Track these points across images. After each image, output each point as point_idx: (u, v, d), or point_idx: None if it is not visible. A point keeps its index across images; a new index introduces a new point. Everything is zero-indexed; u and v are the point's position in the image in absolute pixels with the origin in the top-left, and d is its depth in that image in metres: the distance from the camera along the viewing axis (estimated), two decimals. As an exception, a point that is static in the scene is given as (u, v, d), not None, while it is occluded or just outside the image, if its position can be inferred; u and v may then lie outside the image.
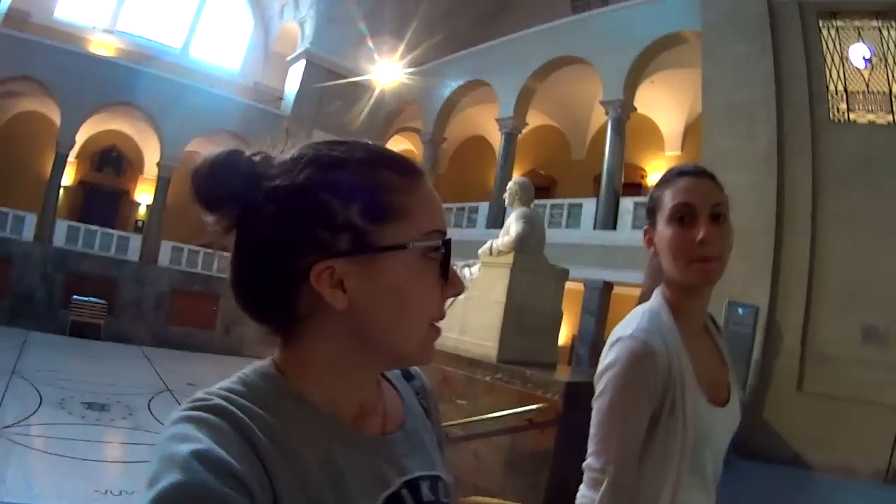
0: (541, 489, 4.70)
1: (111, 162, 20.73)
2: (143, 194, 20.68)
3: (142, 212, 20.66)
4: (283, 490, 0.62)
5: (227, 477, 0.56)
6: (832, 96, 9.36)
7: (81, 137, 18.16)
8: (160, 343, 16.95)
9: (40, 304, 16.31)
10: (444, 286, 0.73)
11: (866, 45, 9.23)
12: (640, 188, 16.37)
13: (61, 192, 18.00)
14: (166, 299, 17.91)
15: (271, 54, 22.58)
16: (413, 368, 0.94)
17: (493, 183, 15.93)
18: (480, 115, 18.02)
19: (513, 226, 6.16)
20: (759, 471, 7.87)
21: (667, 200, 1.38)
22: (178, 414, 0.63)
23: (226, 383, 0.69)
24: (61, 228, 17.35)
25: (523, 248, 6.04)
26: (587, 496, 1.32)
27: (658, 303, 1.40)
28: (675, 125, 16.13)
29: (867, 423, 7.88)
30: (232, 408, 0.64)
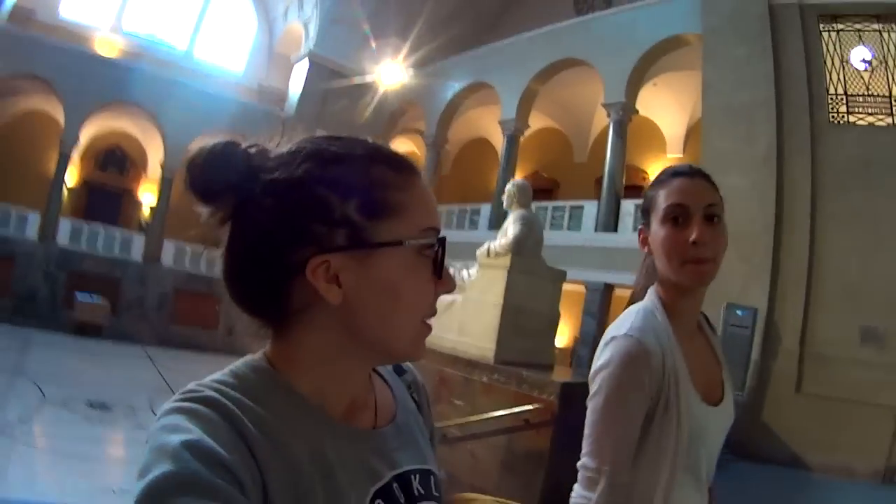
0: (536, 489, 4.72)
1: (115, 161, 20.71)
2: (147, 194, 20.68)
3: (145, 212, 20.63)
4: (272, 481, 0.62)
5: (217, 467, 0.57)
6: (832, 98, 9.37)
7: (85, 137, 18.21)
8: (162, 343, 16.90)
9: (43, 302, 16.33)
10: (437, 283, 0.74)
11: (867, 47, 9.25)
12: (641, 191, 16.12)
13: (65, 191, 18.04)
14: (169, 299, 17.96)
15: (275, 55, 22.62)
16: (405, 363, 0.94)
17: (495, 185, 15.91)
18: (483, 116, 18.00)
19: (510, 228, 6.18)
20: (757, 472, 7.90)
21: (661, 201, 1.38)
22: (170, 405, 0.63)
23: (217, 376, 0.70)
24: (65, 227, 17.36)
25: (520, 250, 6.06)
26: (583, 496, 1.32)
27: (652, 302, 1.40)
28: (677, 128, 16.13)
29: (865, 424, 7.91)
30: (223, 399, 0.64)
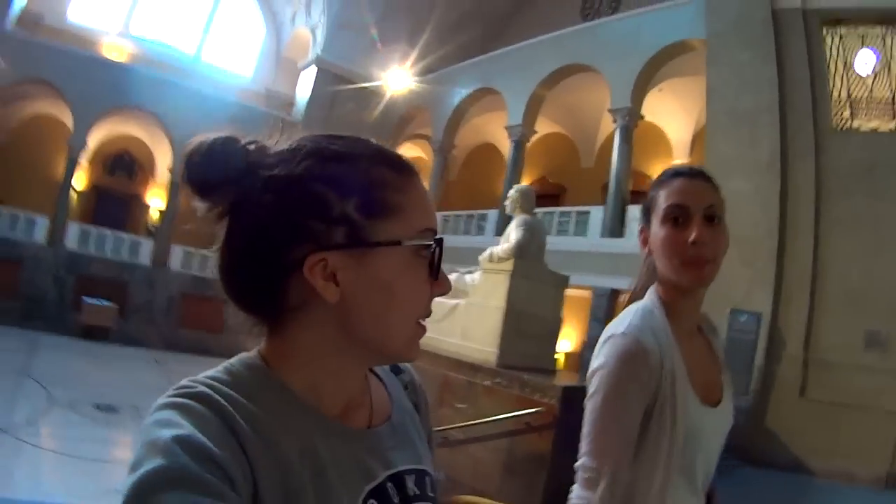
0: (538, 492, 4.74)
1: (123, 166, 20.76)
2: (155, 198, 20.74)
3: (154, 216, 20.69)
4: (263, 478, 0.62)
5: (207, 462, 0.57)
6: (835, 103, 9.35)
7: (94, 141, 18.30)
8: (169, 346, 16.87)
9: (51, 306, 16.40)
10: (433, 285, 0.74)
11: (871, 51, 9.23)
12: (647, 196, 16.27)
13: (73, 195, 18.14)
14: (176, 303, 18.02)
15: (283, 60, 22.67)
16: (402, 363, 0.94)
17: (502, 190, 15.84)
18: (490, 122, 17.98)
19: (513, 233, 6.21)
20: (760, 476, 7.89)
21: (661, 201, 1.39)
22: (163, 400, 0.63)
23: (211, 372, 0.70)
24: (73, 231, 17.44)
25: (523, 255, 6.08)
26: (583, 497, 1.30)
27: (651, 301, 1.40)
28: (683, 133, 16.09)
29: (869, 429, 7.88)
30: (215, 396, 0.64)
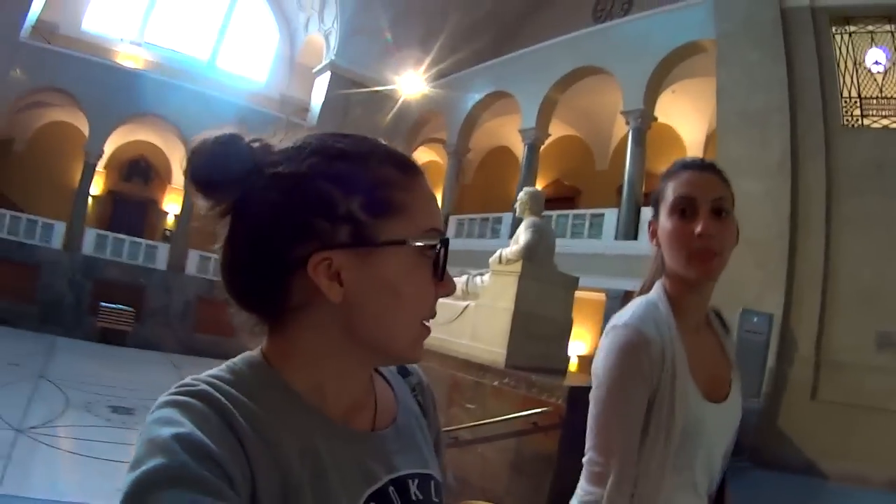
0: (544, 491, 4.77)
1: (139, 172, 20.94)
2: (172, 204, 20.93)
3: (170, 221, 20.89)
4: (261, 477, 0.62)
5: (206, 460, 0.57)
6: (846, 102, 9.29)
7: (110, 147, 18.50)
8: (186, 350, 17.04)
9: (68, 310, 16.61)
10: (437, 285, 0.73)
11: (881, 49, 9.17)
12: (661, 198, 16.22)
13: (90, 201, 18.35)
14: (192, 307, 18.12)
15: (297, 66, 22.76)
16: (410, 365, 0.93)
17: (516, 194, 15.82)
18: (504, 125, 17.91)
19: (522, 235, 6.24)
20: (772, 479, 7.84)
21: (669, 193, 1.39)
22: (164, 398, 0.63)
23: (214, 371, 0.70)
24: (90, 237, 17.66)
25: (531, 257, 6.10)
26: (592, 492, 1.31)
27: (657, 294, 1.40)
28: (697, 134, 15.99)
29: (881, 431, 7.80)
30: (216, 394, 0.64)
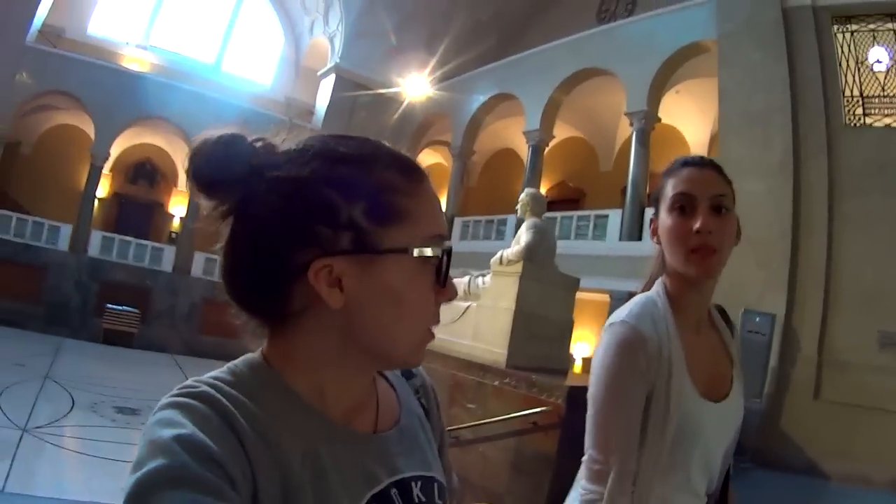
0: (544, 490, 4.79)
1: (145, 174, 21.00)
2: (177, 206, 20.96)
3: (176, 224, 20.95)
4: (262, 478, 0.62)
5: (208, 461, 0.57)
6: (848, 101, 9.26)
7: (116, 150, 18.55)
8: (191, 352, 17.07)
9: (75, 311, 16.69)
10: (439, 292, 0.73)
11: (883, 48, 9.14)
12: (665, 199, 16.20)
13: (96, 203, 18.43)
14: (198, 309, 18.15)
15: (302, 69, 22.75)
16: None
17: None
18: (509, 127, 17.88)
19: (523, 236, 6.26)
20: (774, 479, 7.82)
21: (668, 190, 1.40)
22: (166, 400, 0.63)
23: (215, 372, 0.70)
24: (96, 239, 17.74)
25: (532, 258, 6.12)
26: (592, 490, 1.30)
27: (656, 291, 1.41)
28: (701, 135, 15.96)
29: (884, 431, 7.77)
30: (217, 395, 0.64)
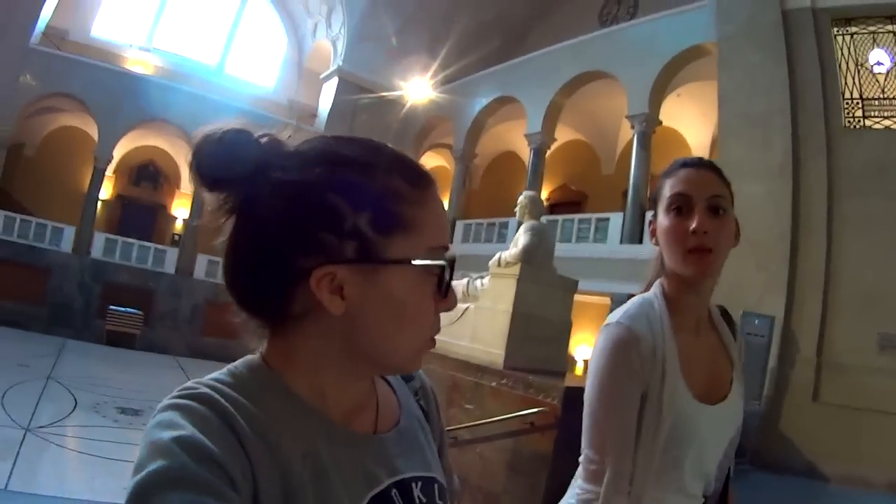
0: (540, 490, 4.81)
1: (148, 176, 21.06)
2: (180, 209, 21.02)
3: (178, 226, 21.00)
4: (263, 478, 0.62)
5: (207, 462, 0.57)
6: (847, 103, 9.27)
7: (119, 152, 18.62)
8: (194, 353, 17.10)
9: (77, 313, 16.74)
10: (439, 301, 0.72)
11: (883, 50, 9.15)
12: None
13: (99, 205, 18.51)
14: (201, 311, 18.21)
15: (305, 72, 22.82)
16: None
17: (522, 199, 15.84)
18: (511, 130, 17.90)
19: (521, 238, 6.29)
20: (773, 481, 7.83)
21: (666, 191, 1.40)
22: (166, 402, 0.63)
23: (215, 374, 0.70)
24: (99, 240, 17.81)
25: (530, 260, 6.15)
26: (589, 490, 1.30)
27: (654, 293, 1.41)
28: (702, 137, 15.96)
29: (883, 433, 7.78)
30: (217, 397, 0.64)
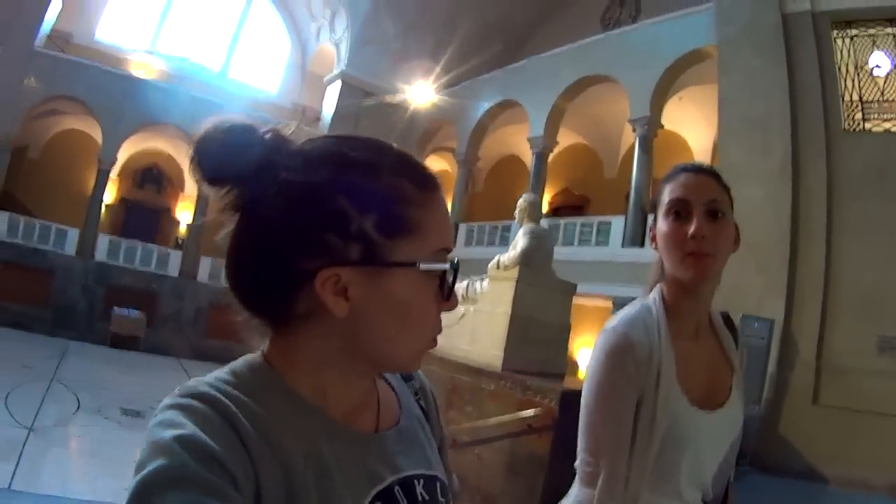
0: (537, 491, 4.84)
1: (152, 179, 21.15)
2: (184, 212, 21.09)
3: (182, 229, 21.04)
4: (265, 477, 0.62)
5: (209, 461, 0.57)
6: (847, 106, 9.26)
7: (123, 155, 18.67)
8: (197, 356, 17.14)
9: (81, 315, 16.83)
10: (441, 303, 0.73)
11: (883, 53, 9.15)
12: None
13: (103, 208, 18.58)
14: (204, 313, 18.27)
15: (308, 75, 22.88)
16: None
17: (524, 202, 15.85)
18: (514, 134, 17.87)
19: (520, 241, 6.34)
20: (773, 484, 7.83)
21: (665, 196, 1.40)
22: (168, 401, 0.63)
23: (216, 373, 0.70)
24: (103, 243, 17.90)
25: (529, 263, 6.19)
26: (585, 493, 1.32)
27: (652, 298, 1.41)
28: (704, 141, 15.93)
29: (883, 435, 7.77)
30: (219, 396, 0.64)
